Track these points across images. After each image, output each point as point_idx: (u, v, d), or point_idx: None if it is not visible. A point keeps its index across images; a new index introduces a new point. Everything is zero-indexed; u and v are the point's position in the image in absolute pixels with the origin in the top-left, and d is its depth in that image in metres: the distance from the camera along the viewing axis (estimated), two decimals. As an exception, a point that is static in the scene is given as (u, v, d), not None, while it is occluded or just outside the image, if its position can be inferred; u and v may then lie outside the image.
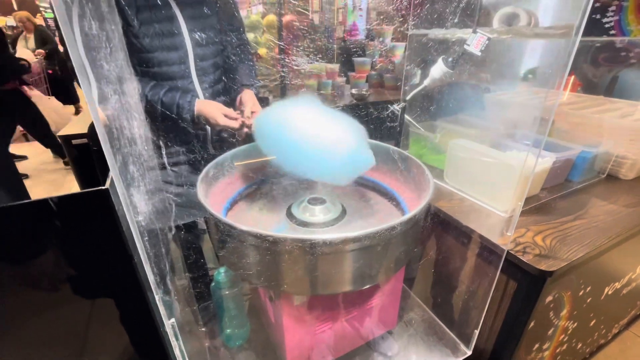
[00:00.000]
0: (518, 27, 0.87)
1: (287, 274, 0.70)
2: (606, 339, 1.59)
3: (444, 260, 1.08)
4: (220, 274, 0.94)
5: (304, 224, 0.86)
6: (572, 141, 1.20)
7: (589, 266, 0.94)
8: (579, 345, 1.36)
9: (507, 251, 0.83)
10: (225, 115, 0.95)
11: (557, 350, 1.21)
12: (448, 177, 1.17)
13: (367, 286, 0.74)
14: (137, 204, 0.43)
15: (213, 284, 0.97)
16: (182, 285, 1.17)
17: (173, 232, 0.84)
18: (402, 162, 0.94)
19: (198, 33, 1.00)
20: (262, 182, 1.05)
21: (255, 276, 0.74)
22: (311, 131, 0.78)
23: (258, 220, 0.94)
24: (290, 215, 0.90)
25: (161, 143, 1.05)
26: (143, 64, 0.96)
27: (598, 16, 1.98)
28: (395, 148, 0.94)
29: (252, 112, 0.99)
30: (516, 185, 0.93)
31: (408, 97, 1.06)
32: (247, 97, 1.05)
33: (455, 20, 1.01)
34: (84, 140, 1.63)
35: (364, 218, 0.92)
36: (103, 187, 0.41)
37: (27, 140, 3.94)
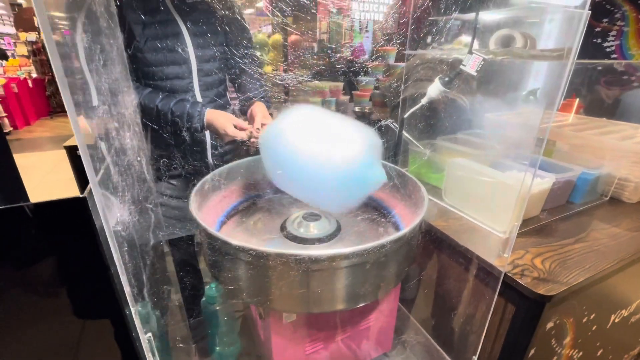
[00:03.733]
0: (514, 49, 0.88)
1: (276, 291, 0.69)
2: (616, 370, 1.51)
3: (441, 281, 1.06)
4: (212, 289, 0.92)
5: (298, 240, 0.85)
6: (574, 162, 1.18)
7: (591, 291, 0.90)
8: (586, 376, 1.29)
9: (505, 273, 0.81)
10: (235, 127, 0.96)
11: (563, 381, 1.15)
12: (446, 196, 1.16)
13: (359, 305, 0.72)
14: (117, 213, 0.42)
15: (204, 298, 0.95)
16: (177, 300, 1.15)
17: (162, 244, 0.83)
18: (398, 179, 0.93)
19: (203, 49, 1.03)
20: (259, 196, 1.05)
21: (244, 292, 0.72)
22: (310, 147, 0.73)
23: (252, 235, 0.94)
24: (284, 230, 0.90)
25: (157, 154, 1.06)
26: (147, 77, 0.99)
27: (599, 40, 2.00)
28: (391, 164, 0.94)
29: (263, 124, 0.99)
30: (514, 206, 0.91)
31: (406, 115, 1.07)
32: (258, 108, 1.05)
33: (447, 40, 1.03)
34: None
35: (359, 235, 0.90)
36: (81, 196, 0.41)
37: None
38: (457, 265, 0.98)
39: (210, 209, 0.93)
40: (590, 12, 0.61)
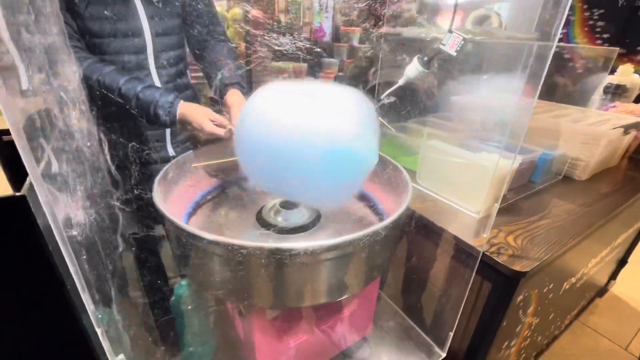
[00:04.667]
0: (491, 29, 0.88)
1: (260, 287, 0.63)
2: (560, 330, 1.69)
3: (418, 262, 1.07)
4: (182, 287, 0.84)
5: (277, 230, 0.79)
6: (532, 144, 1.25)
7: (554, 264, 0.97)
8: (539, 338, 1.42)
9: (482, 252, 0.83)
10: (213, 122, 0.83)
11: (522, 346, 1.25)
12: (421, 178, 1.16)
13: (349, 294, 0.69)
14: (70, 214, 0.34)
15: (173, 297, 0.86)
16: (137, 298, 1.04)
17: (121, 247, 0.73)
18: (381, 165, 0.91)
19: (159, 20, 0.89)
20: (230, 184, 0.97)
21: (224, 290, 0.66)
22: (289, 124, 0.60)
23: (225, 226, 0.86)
24: (260, 219, 0.83)
25: (109, 139, 0.93)
26: (92, 51, 0.84)
27: (547, 29, 2.13)
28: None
29: None
30: (489, 186, 0.93)
31: (382, 96, 1.04)
32: (234, 99, 0.91)
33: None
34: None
35: (340, 222, 0.87)
36: (17, 194, 0.31)
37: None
38: (434, 246, 1.00)
39: (178, 198, 0.84)
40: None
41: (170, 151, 1.04)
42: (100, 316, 0.34)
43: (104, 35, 0.83)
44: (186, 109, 0.84)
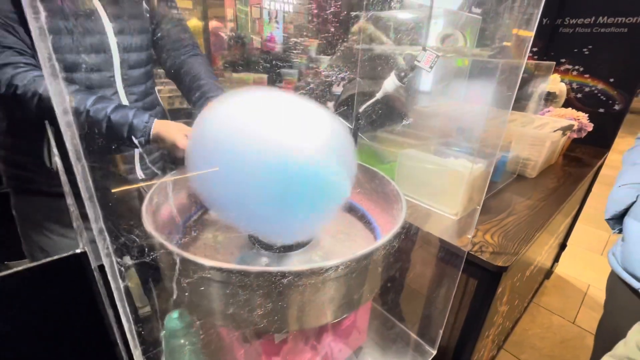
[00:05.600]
0: (459, 47, 0.96)
1: (269, 311, 0.61)
2: (521, 313, 1.87)
3: (405, 266, 1.12)
4: (173, 320, 0.78)
5: (270, 248, 0.78)
6: (490, 147, 1.38)
7: (523, 256, 1.08)
8: (507, 324, 1.56)
9: (467, 252, 0.89)
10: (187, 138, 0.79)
11: (495, 333, 1.37)
12: (399, 185, 1.21)
13: (356, 309, 0.70)
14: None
15: (164, 332, 0.80)
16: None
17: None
18: (369, 177, 0.94)
19: (127, 34, 0.84)
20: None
21: (227, 319, 0.63)
22: (250, 143, 0.50)
23: (216, 251, 0.82)
24: (253, 238, 0.81)
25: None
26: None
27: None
28: (363, 163, 0.93)
29: None
30: (465, 189, 1.01)
31: (361, 110, 1.07)
32: None
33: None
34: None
35: (333, 235, 0.88)
36: (78, 251, 0.27)
37: None
38: (420, 249, 1.05)
39: (161, 227, 0.78)
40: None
41: (140, 174, 0.97)
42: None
43: (66, 51, 0.76)
44: (160, 127, 0.79)
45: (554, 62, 1.70)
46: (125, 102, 0.89)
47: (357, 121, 1.12)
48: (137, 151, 0.94)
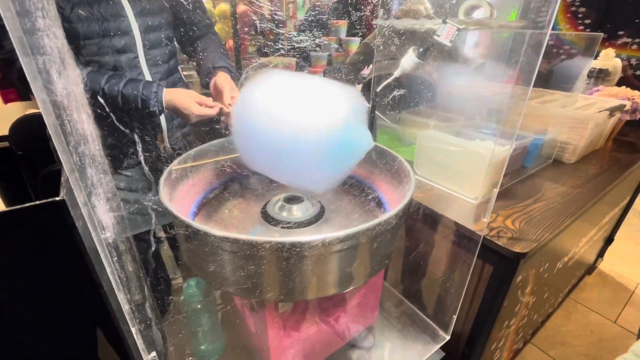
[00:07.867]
0: (484, 19, 0.90)
1: (274, 281, 0.64)
2: (554, 308, 1.76)
3: (419, 250, 1.10)
4: (191, 287, 0.84)
5: (283, 224, 0.80)
6: (523, 130, 1.29)
7: (549, 245, 1.01)
8: (535, 317, 1.48)
9: (483, 236, 0.86)
10: (200, 104, 0.84)
11: (519, 324, 1.31)
12: (418, 168, 1.18)
13: (359, 284, 0.71)
14: (100, 217, 0.34)
15: (182, 297, 0.87)
16: (139, 302, 1.04)
17: (153, 247, 0.73)
18: (380, 156, 0.92)
19: (147, 16, 0.88)
20: (232, 180, 0.97)
21: (237, 287, 0.67)
22: (287, 114, 0.63)
23: (230, 224, 0.86)
24: (265, 215, 0.84)
25: (108, 143, 0.91)
26: (82, 54, 0.82)
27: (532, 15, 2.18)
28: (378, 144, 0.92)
29: (232, 97, 0.87)
30: (485, 173, 0.96)
31: (379, 89, 1.05)
32: (223, 80, 0.91)
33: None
34: (5, 144, 1.38)
35: (344, 215, 0.88)
36: (58, 198, 0.31)
37: None
38: (435, 233, 1.02)
39: (180, 199, 0.84)
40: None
41: (168, 146, 1.04)
42: (131, 315, 0.35)
43: (92, 36, 0.82)
44: (171, 95, 0.84)
45: (602, 34, 1.51)
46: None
47: (374, 102, 1.09)
48: (164, 124, 1.00)
